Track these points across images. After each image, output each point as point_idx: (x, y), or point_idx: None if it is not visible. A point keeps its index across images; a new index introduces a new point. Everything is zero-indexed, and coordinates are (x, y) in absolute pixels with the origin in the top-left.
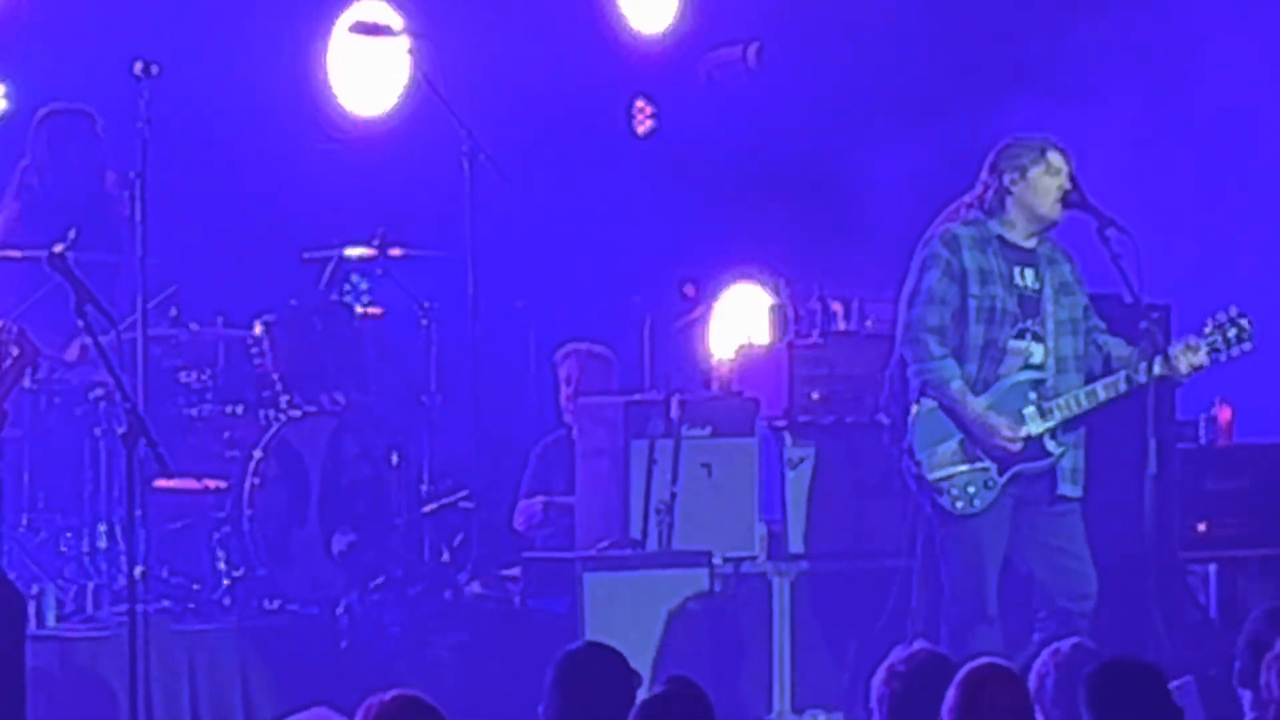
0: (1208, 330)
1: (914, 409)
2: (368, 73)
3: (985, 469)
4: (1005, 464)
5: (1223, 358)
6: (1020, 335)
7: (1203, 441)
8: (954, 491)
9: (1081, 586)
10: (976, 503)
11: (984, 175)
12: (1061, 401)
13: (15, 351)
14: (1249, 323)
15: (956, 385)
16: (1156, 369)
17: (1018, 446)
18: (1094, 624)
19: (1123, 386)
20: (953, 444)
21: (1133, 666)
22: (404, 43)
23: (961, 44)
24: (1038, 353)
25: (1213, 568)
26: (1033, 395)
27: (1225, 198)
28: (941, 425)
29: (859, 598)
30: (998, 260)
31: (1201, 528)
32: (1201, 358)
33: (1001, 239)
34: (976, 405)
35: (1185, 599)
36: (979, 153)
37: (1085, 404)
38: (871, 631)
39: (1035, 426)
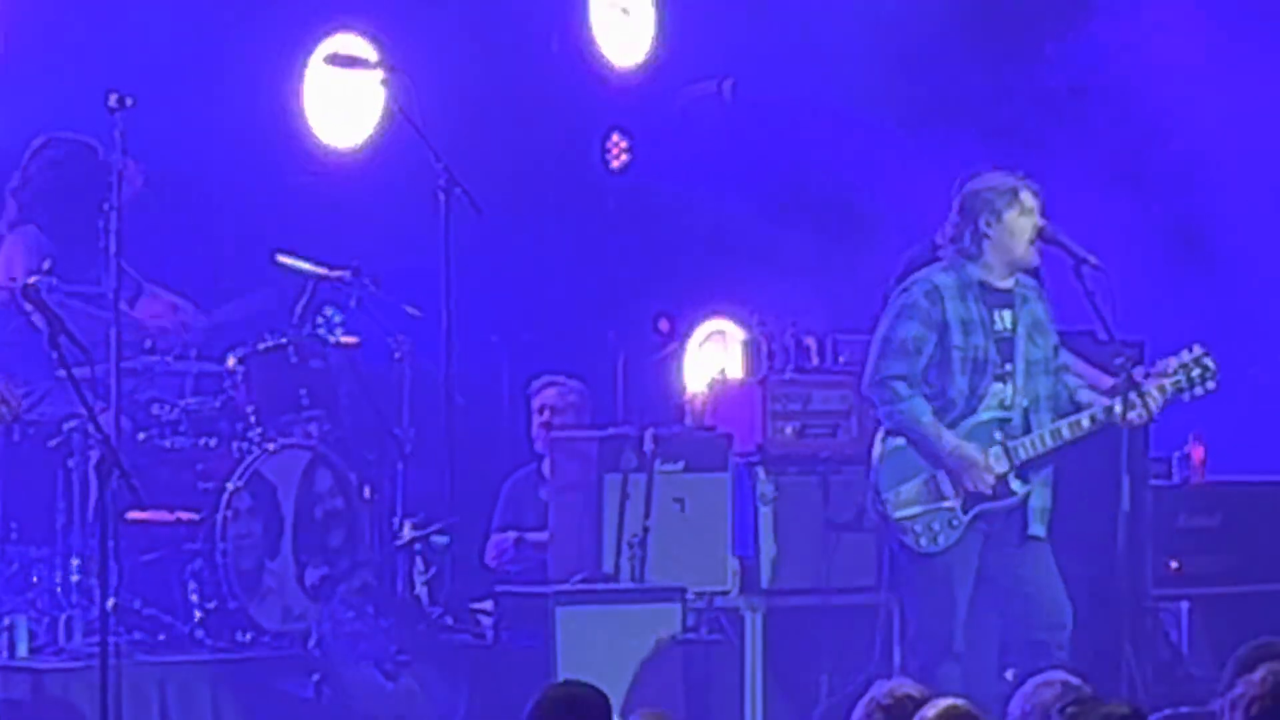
0: (1171, 369)
1: (879, 447)
2: (343, 105)
3: (950, 508)
4: (969, 503)
5: (1186, 397)
6: (999, 378)
7: (1175, 479)
8: (918, 529)
9: (1055, 616)
10: (940, 540)
11: (954, 217)
12: (1027, 441)
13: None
14: (1213, 362)
15: (928, 420)
16: (1118, 409)
17: (992, 479)
18: (1067, 660)
19: (1086, 424)
20: (916, 483)
21: (1108, 705)
22: (378, 75)
23: (938, 70)
24: (1007, 393)
25: (1185, 605)
26: (998, 435)
27: (1201, 234)
28: (907, 464)
29: (831, 633)
30: (978, 307)
31: (1174, 565)
32: (1165, 397)
33: (982, 284)
34: (951, 438)
35: (1157, 636)
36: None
37: (1050, 443)
38: (843, 666)
39: (1000, 466)
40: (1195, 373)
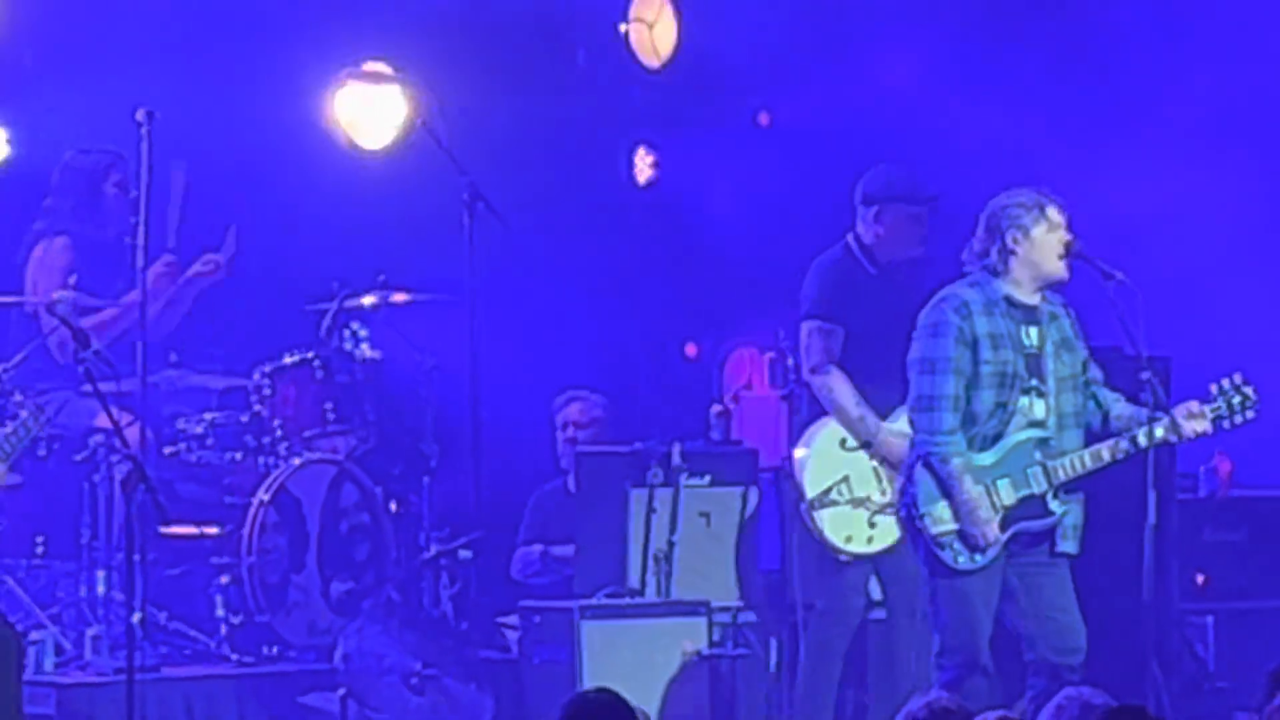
0: (1213, 397)
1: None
2: (370, 117)
3: None
4: (1007, 521)
5: (1226, 425)
6: (1025, 392)
7: (1202, 493)
8: (956, 546)
9: (1070, 640)
10: (978, 559)
11: (980, 234)
12: (1066, 462)
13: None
14: (1254, 391)
15: (957, 463)
16: (1159, 433)
17: (993, 535)
18: (1092, 676)
19: (1125, 447)
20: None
21: (1137, 715)
22: (402, 89)
23: (974, 85)
24: (1039, 408)
25: (1211, 619)
26: (1038, 454)
27: (1229, 249)
28: None
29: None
30: (1006, 322)
31: (1200, 579)
32: (1205, 425)
33: (1009, 299)
34: (970, 489)
35: (1184, 650)
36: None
37: (1089, 465)
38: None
39: (1038, 486)
40: (1236, 400)
